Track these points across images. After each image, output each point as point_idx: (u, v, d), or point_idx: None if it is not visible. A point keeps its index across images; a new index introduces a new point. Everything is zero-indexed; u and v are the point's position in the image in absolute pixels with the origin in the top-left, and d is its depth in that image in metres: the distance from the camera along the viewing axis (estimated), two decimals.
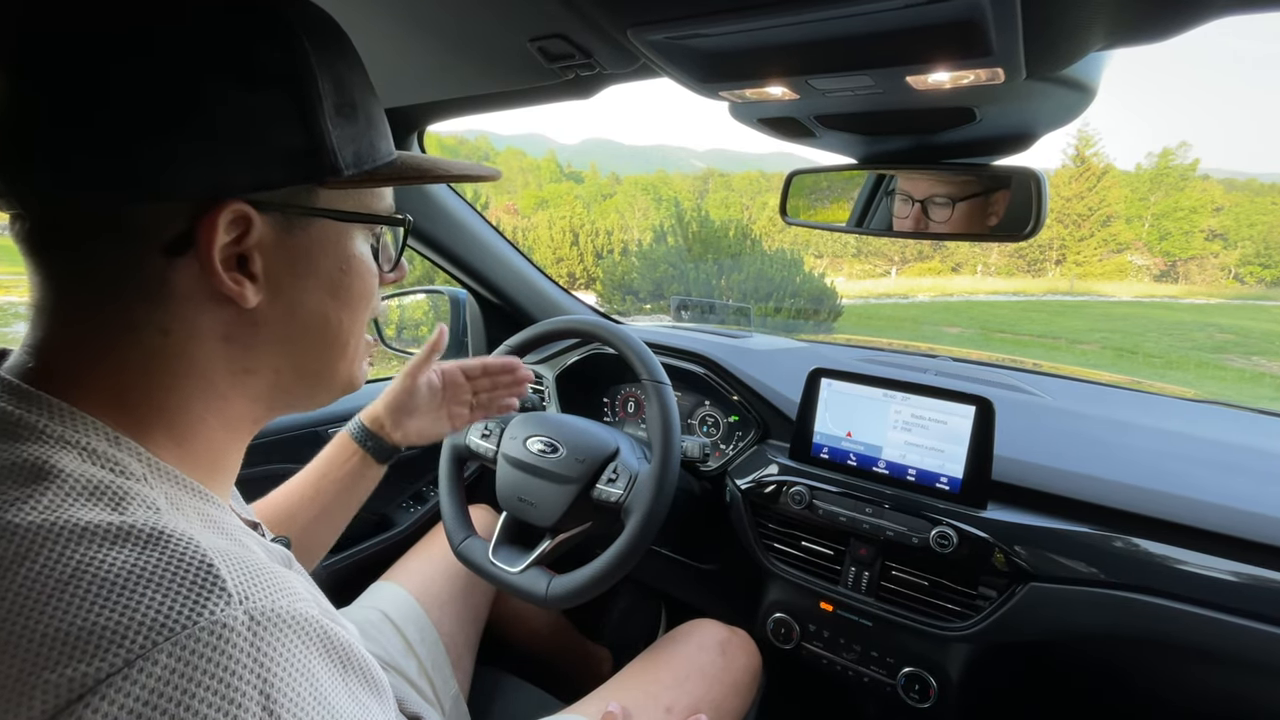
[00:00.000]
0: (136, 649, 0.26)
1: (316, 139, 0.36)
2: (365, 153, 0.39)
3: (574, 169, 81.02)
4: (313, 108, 0.36)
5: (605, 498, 0.89)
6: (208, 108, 0.33)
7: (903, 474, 0.91)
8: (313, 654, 0.30)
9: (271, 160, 0.35)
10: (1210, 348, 18.08)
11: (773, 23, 0.50)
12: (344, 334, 0.42)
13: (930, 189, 0.82)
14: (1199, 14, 0.46)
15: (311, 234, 0.38)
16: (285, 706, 0.28)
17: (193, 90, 0.32)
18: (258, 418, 0.42)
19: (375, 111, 0.41)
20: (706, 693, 0.84)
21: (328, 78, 0.36)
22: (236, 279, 0.35)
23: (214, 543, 0.31)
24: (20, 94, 0.32)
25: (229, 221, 0.34)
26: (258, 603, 0.29)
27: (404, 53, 0.73)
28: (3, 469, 0.30)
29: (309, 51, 0.35)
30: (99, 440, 0.33)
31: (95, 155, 0.32)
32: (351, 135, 0.38)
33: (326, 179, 0.37)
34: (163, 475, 0.34)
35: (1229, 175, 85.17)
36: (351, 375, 0.45)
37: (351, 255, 0.41)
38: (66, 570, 0.27)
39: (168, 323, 0.35)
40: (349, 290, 0.41)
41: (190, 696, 0.26)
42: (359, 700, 0.32)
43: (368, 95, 0.40)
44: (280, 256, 0.37)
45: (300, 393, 0.43)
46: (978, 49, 0.50)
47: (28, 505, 0.29)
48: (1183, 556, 0.76)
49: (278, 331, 0.39)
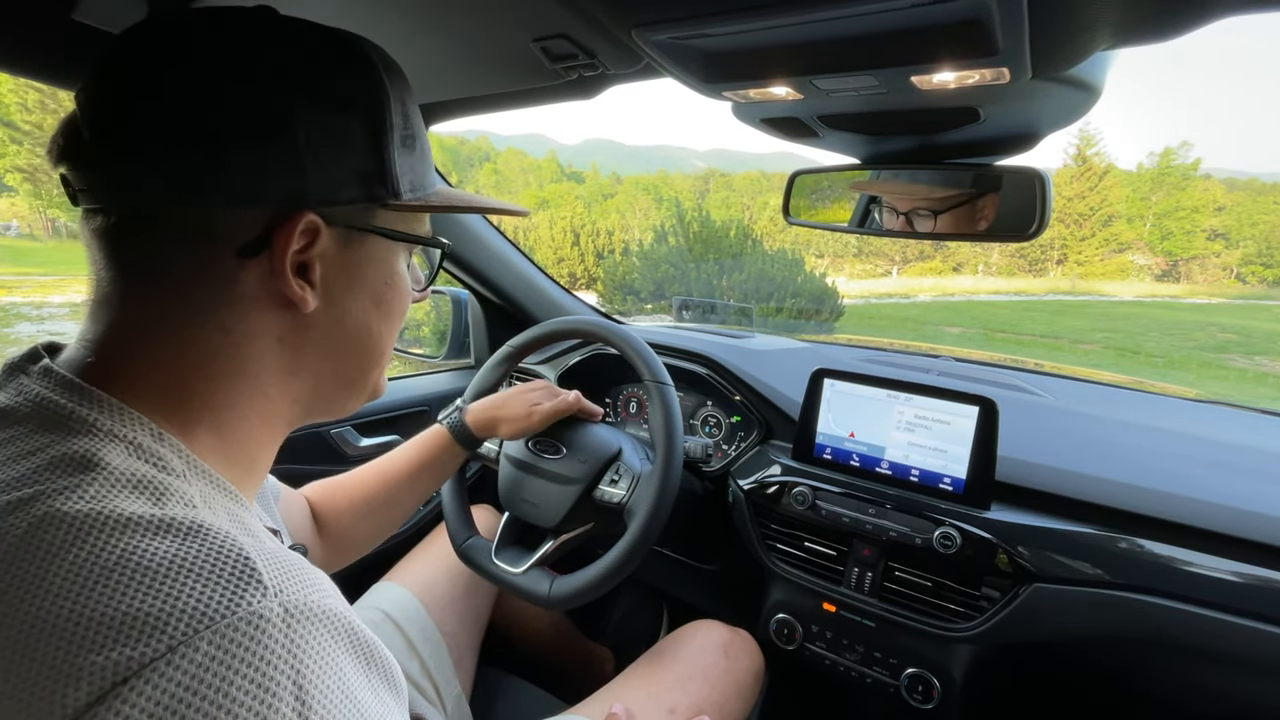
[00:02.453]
0: (179, 636, 0.27)
1: (384, 164, 0.40)
2: (419, 180, 0.43)
3: (575, 169, 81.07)
4: (384, 136, 0.39)
5: (608, 498, 0.89)
6: (298, 127, 0.36)
7: (906, 474, 0.91)
8: (341, 649, 0.31)
9: (344, 179, 0.38)
10: (1212, 347, 18.06)
11: (777, 23, 0.50)
12: (381, 344, 0.46)
13: (912, 203, 0.84)
14: (1205, 13, 0.46)
15: (366, 250, 0.42)
16: (316, 698, 0.28)
17: (287, 111, 0.35)
18: (293, 419, 0.44)
19: (427, 146, 0.45)
20: (709, 694, 0.84)
21: (399, 111, 0.40)
22: (300, 284, 0.38)
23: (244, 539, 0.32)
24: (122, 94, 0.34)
25: (301, 230, 0.37)
26: (291, 596, 0.30)
27: (407, 53, 0.73)
28: (54, 460, 0.31)
29: (386, 86, 0.39)
30: (145, 436, 0.35)
31: (192, 160, 0.34)
32: (411, 164, 0.42)
33: (387, 201, 0.41)
34: (199, 473, 0.36)
35: (1230, 175, 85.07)
36: (379, 383, 0.48)
37: (395, 271, 0.45)
38: (112, 557, 0.28)
39: (230, 322, 0.37)
40: (390, 304, 0.45)
41: (228, 684, 0.26)
42: (380, 697, 0.33)
43: (423, 130, 0.44)
44: (337, 267, 0.40)
45: (337, 397, 0.46)
46: (983, 49, 0.50)
47: (75, 495, 0.30)
48: (1186, 557, 0.76)
49: (326, 338, 0.42)
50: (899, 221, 0.85)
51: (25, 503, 0.29)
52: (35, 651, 0.26)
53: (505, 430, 0.89)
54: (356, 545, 0.80)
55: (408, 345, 1.51)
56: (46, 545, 0.28)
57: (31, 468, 0.31)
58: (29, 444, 0.32)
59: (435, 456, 0.84)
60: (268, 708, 0.27)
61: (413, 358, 1.51)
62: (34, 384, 0.35)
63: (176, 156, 0.34)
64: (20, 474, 0.31)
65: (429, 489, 0.85)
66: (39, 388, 0.35)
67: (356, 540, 0.80)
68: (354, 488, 0.80)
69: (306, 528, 0.75)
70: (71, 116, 0.36)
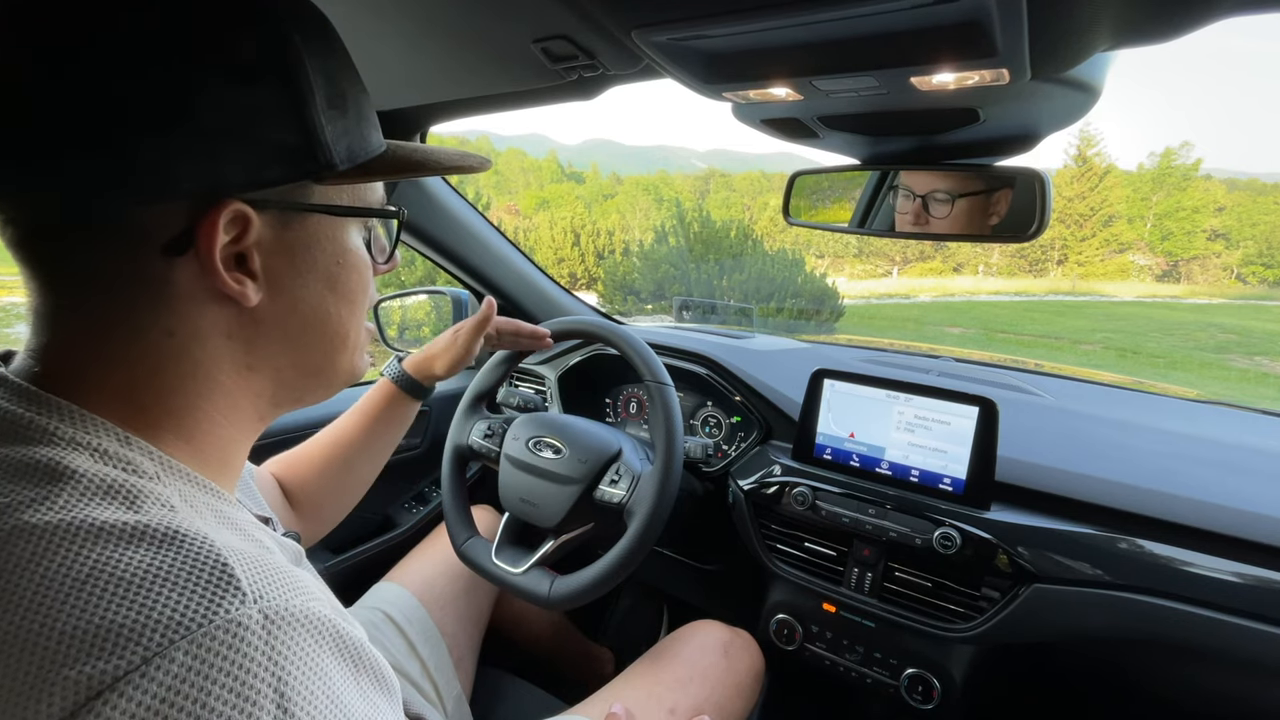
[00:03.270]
0: (154, 647, 0.26)
1: (310, 134, 0.35)
2: (358, 146, 0.39)
3: (575, 169, 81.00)
4: (305, 102, 0.35)
5: (608, 499, 0.89)
6: (200, 105, 0.32)
7: (906, 475, 0.91)
8: (325, 653, 0.31)
9: (267, 157, 0.34)
10: (1213, 348, 18.05)
11: (777, 24, 0.50)
12: (344, 327, 0.42)
13: (931, 184, 0.82)
14: (1205, 14, 0.46)
15: (308, 230, 0.38)
16: (299, 704, 0.28)
17: (183, 88, 0.32)
18: (263, 414, 0.42)
19: (365, 103, 0.40)
20: (709, 694, 0.84)
21: (318, 71, 0.36)
22: (237, 278, 0.35)
23: (228, 540, 0.31)
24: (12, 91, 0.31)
25: (228, 221, 0.34)
26: (272, 601, 0.29)
27: (408, 54, 0.73)
28: (16, 471, 0.30)
29: (299, 45, 0.35)
30: (110, 441, 0.33)
31: (88, 157, 0.31)
32: (344, 129, 0.38)
33: (322, 174, 0.37)
34: (175, 473, 0.35)
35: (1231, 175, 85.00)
36: (353, 366, 0.45)
37: (347, 249, 0.41)
38: (84, 569, 0.27)
39: (172, 324, 0.35)
40: (346, 284, 0.41)
41: (206, 694, 0.26)
42: (370, 699, 0.32)
43: (356, 87, 0.40)
44: (278, 254, 0.37)
45: (304, 387, 0.43)
46: (983, 50, 0.50)
47: (44, 506, 0.29)
48: (1186, 558, 0.76)
49: (279, 328, 0.39)
50: (914, 205, 0.83)
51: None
52: (7, 667, 0.25)
53: (440, 365, 0.84)
54: (324, 514, 0.79)
55: (408, 345, 1.51)
56: (16, 558, 0.27)
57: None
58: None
59: (383, 410, 0.82)
60: (249, 717, 0.26)
61: None
62: None
63: (70, 155, 0.31)
64: None
65: (384, 447, 0.83)
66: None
67: (323, 508, 0.79)
68: (312, 456, 0.79)
69: (279, 503, 0.74)
70: None
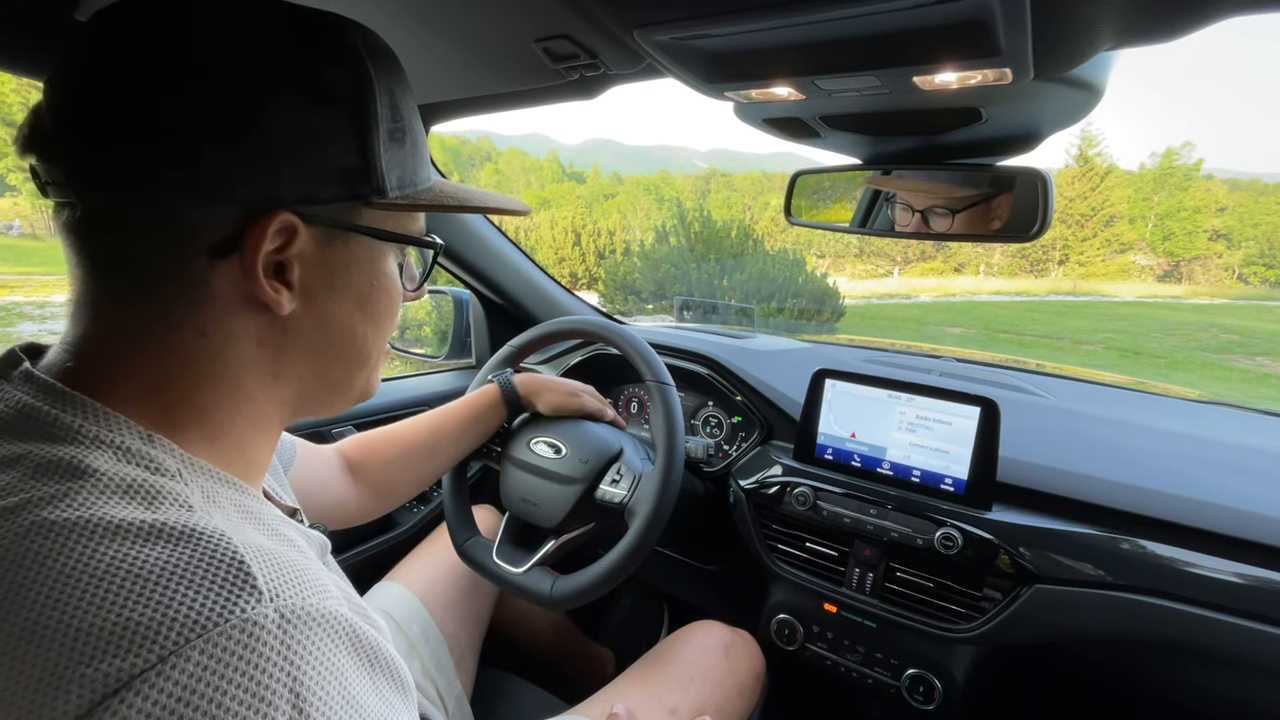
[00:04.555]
0: (170, 645, 0.26)
1: (369, 160, 0.37)
2: (409, 177, 0.41)
3: (576, 169, 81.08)
4: (368, 130, 0.37)
5: (609, 499, 0.89)
6: (271, 122, 0.34)
7: (907, 475, 0.91)
8: (341, 652, 0.31)
9: (324, 176, 0.36)
10: (1214, 348, 18.02)
11: (780, 23, 0.50)
12: (368, 347, 0.44)
13: (930, 200, 0.83)
14: (1208, 14, 0.46)
15: (349, 249, 0.40)
16: (314, 704, 0.28)
17: (259, 104, 0.33)
18: (284, 419, 0.43)
19: (421, 138, 0.43)
20: (710, 694, 0.84)
21: (385, 103, 0.38)
22: (275, 286, 0.36)
23: (249, 538, 0.31)
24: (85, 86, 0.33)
25: (276, 230, 0.35)
26: (288, 600, 0.29)
27: (409, 53, 0.73)
28: (40, 468, 0.31)
29: (372, 76, 0.37)
30: (133, 439, 0.34)
31: (157, 156, 0.32)
32: (399, 159, 0.39)
33: (372, 199, 0.38)
34: (197, 470, 0.35)
35: (1232, 175, 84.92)
36: (368, 385, 0.46)
37: (382, 273, 0.42)
38: (101, 566, 0.27)
39: (206, 324, 0.36)
40: (376, 306, 0.43)
41: (221, 694, 0.26)
42: (385, 699, 0.33)
43: (416, 121, 0.42)
44: (317, 268, 0.38)
45: (323, 399, 0.44)
46: (986, 49, 0.50)
47: (63, 503, 0.29)
48: (1188, 558, 0.75)
49: (307, 340, 0.40)
50: (914, 220, 0.84)
51: (11, 511, 0.29)
52: (23, 663, 0.26)
53: (545, 401, 0.95)
54: (392, 494, 0.85)
55: (409, 345, 1.51)
56: (34, 554, 0.27)
57: (17, 476, 0.30)
58: (12, 452, 0.31)
59: (482, 413, 0.92)
60: (263, 717, 0.26)
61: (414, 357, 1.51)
62: (14, 390, 0.34)
63: (137, 154, 0.32)
64: (5, 483, 0.30)
65: (466, 446, 0.92)
66: (20, 394, 0.34)
67: (394, 489, 0.85)
68: (399, 440, 0.85)
69: (335, 481, 0.78)
70: (38, 106, 0.35)
